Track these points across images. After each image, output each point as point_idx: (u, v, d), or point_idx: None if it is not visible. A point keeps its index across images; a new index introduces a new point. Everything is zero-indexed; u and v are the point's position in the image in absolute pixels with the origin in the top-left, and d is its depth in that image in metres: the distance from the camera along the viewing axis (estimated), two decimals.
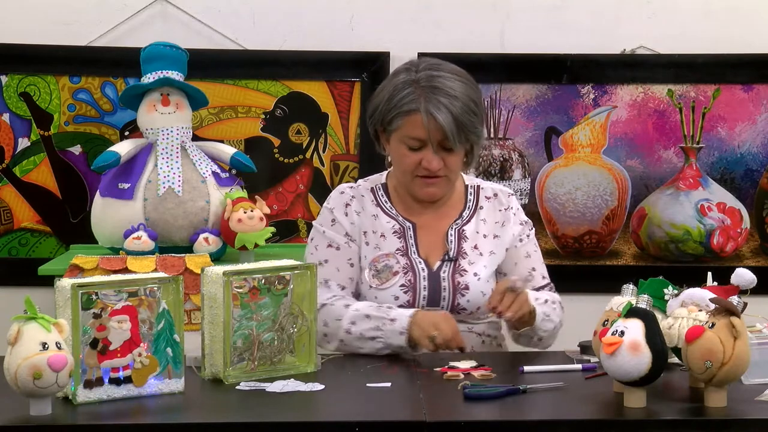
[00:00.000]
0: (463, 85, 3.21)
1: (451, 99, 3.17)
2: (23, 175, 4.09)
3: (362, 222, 3.30)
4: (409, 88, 3.20)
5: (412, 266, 3.25)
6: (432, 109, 3.16)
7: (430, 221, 3.32)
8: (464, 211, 3.34)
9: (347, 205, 3.32)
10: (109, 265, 3.30)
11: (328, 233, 3.30)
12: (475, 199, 3.36)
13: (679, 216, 4.15)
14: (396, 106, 3.21)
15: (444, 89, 3.18)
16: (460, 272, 3.26)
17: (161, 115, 3.54)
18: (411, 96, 3.19)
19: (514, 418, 2.58)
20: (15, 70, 4.06)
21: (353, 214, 3.31)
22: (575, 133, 4.12)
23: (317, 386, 2.76)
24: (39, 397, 2.51)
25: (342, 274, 3.28)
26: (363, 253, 3.28)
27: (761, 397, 2.64)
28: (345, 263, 3.29)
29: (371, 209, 3.32)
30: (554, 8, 4.09)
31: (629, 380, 2.54)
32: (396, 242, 3.28)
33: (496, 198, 3.37)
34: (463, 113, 3.18)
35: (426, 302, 3.24)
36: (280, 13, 4.08)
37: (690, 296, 2.68)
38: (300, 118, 4.10)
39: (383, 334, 3.13)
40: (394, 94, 3.22)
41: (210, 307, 2.80)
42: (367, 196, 3.34)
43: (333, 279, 3.27)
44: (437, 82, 3.19)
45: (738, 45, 4.08)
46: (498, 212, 3.35)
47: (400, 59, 4.07)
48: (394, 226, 3.30)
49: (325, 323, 3.20)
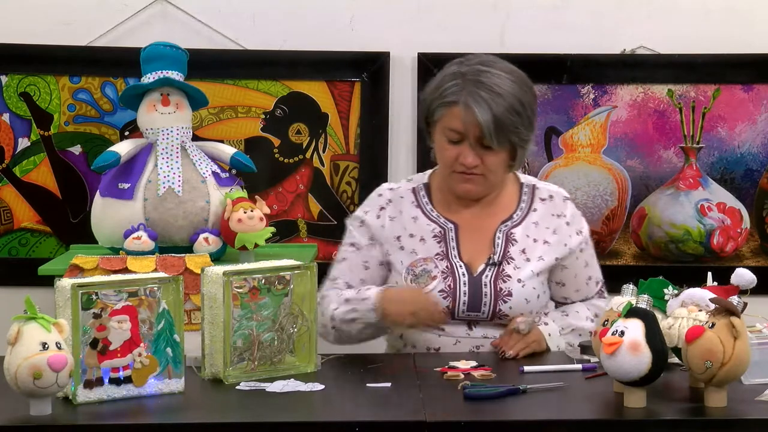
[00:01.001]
0: (512, 84, 3.14)
1: (494, 96, 3.11)
2: (23, 175, 4.08)
3: (395, 227, 3.27)
4: (456, 80, 3.16)
5: (452, 270, 3.20)
6: (471, 102, 3.11)
7: (476, 221, 3.27)
8: (516, 211, 3.28)
9: (382, 209, 3.30)
10: (109, 265, 3.30)
11: (353, 233, 3.31)
12: (529, 200, 3.30)
13: (679, 216, 4.15)
14: (439, 96, 3.18)
15: (489, 85, 3.13)
16: (504, 278, 3.20)
17: (161, 115, 3.54)
18: (454, 88, 3.15)
19: (514, 418, 2.58)
20: (15, 70, 4.06)
21: (385, 219, 3.29)
22: (575, 133, 4.12)
23: (317, 386, 2.76)
24: (39, 397, 2.51)
25: (354, 274, 3.29)
26: (398, 258, 3.25)
27: (761, 397, 2.64)
28: (360, 265, 3.29)
29: (411, 211, 3.28)
30: (554, 8, 4.09)
31: (629, 380, 2.54)
32: (435, 246, 3.24)
33: (552, 200, 3.30)
34: (505, 112, 3.11)
35: (466, 307, 3.19)
36: (280, 13, 4.08)
37: (690, 296, 2.68)
38: (300, 118, 4.10)
39: (359, 314, 3.16)
40: (440, 85, 3.19)
41: (210, 307, 2.80)
42: (407, 198, 3.31)
43: (342, 277, 3.29)
44: (484, 77, 3.14)
45: (738, 45, 4.08)
46: (551, 217, 3.28)
47: (400, 59, 4.08)
48: (434, 229, 3.25)
49: (322, 313, 3.22)
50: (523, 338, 3.11)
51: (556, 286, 3.31)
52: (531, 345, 3.12)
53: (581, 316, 3.27)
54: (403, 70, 4.08)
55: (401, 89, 4.09)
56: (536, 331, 3.16)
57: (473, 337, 3.20)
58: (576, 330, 3.23)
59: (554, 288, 3.31)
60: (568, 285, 3.31)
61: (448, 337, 3.20)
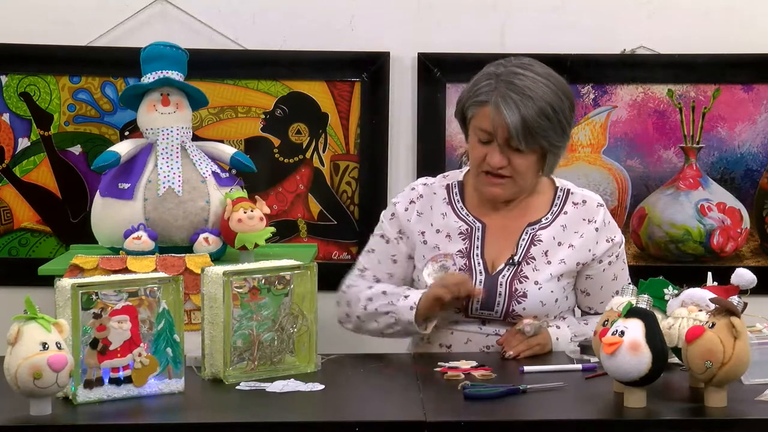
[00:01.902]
0: (545, 89, 3.13)
1: (524, 98, 3.10)
2: (23, 175, 4.08)
3: (422, 222, 3.28)
4: (490, 80, 3.16)
5: (470, 268, 3.21)
6: (500, 103, 3.10)
7: (505, 221, 3.26)
8: (546, 215, 3.26)
9: (412, 202, 3.31)
10: (109, 265, 3.30)
11: (384, 225, 3.33)
12: (561, 203, 3.28)
13: (679, 216, 4.15)
14: (472, 95, 3.18)
15: (521, 87, 3.12)
16: (521, 278, 3.19)
17: (161, 115, 3.54)
18: (487, 87, 3.15)
19: (514, 418, 2.58)
20: (15, 70, 4.06)
21: (413, 213, 3.29)
22: (575, 133, 4.11)
23: (317, 386, 2.76)
24: (39, 397, 2.51)
25: (382, 266, 3.30)
26: (421, 252, 3.26)
27: (761, 397, 2.64)
28: (388, 258, 3.30)
29: (441, 208, 3.29)
30: (554, 8, 4.09)
31: (629, 380, 2.54)
32: (459, 243, 3.23)
33: (584, 205, 3.28)
34: (534, 115, 3.09)
35: (480, 306, 3.18)
36: (280, 13, 4.08)
37: (690, 296, 2.68)
38: (300, 118, 4.10)
39: (395, 309, 3.16)
40: (475, 84, 3.19)
41: (210, 307, 2.80)
42: (440, 194, 3.31)
43: (371, 270, 3.31)
44: (517, 79, 3.13)
45: (738, 45, 4.08)
46: (581, 222, 3.25)
47: (400, 59, 4.08)
48: (461, 226, 3.25)
49: (347, 303, 3.27)
50: (527, 340, 3.10)
51: (581, 294, 3.29)
52: (534, 348, 3.11)
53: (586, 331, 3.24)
54: (403, 70, 4.08)
55: (401, 89, 4.08)
56: (543, 334, 3.15)
57: (485, 333, 3.20)
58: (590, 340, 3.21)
59: (579, 296, 3.30)
60: (593, 295, 3.28)
61: (461, 333, 3.20)
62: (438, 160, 4.05)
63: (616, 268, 3.29)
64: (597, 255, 3.25)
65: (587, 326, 3.24)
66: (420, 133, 4.08)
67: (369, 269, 3.31)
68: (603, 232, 3.26)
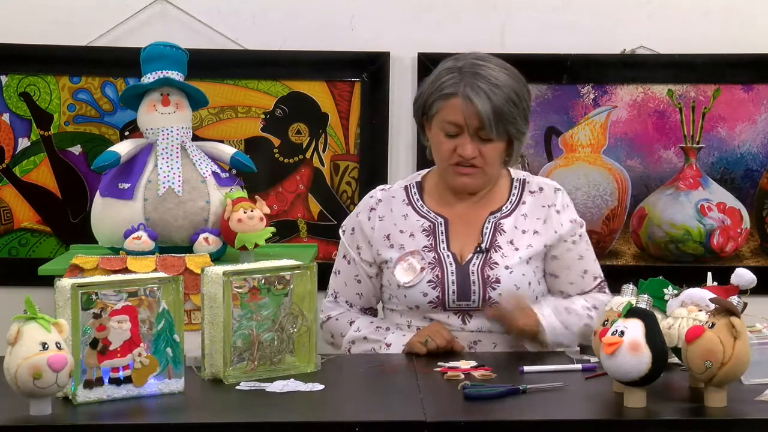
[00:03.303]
0: (507, 77, 3.18)
1: (491, 87, 3.15)
2: (23, 175, 4.09)
3: (384, 226, 3.29)
4: (452, 73, 3.19)
5: (440, 261, 3.22)
6: (471, 93, 3.14)
7: (466, 214, 3.28)
8: (505, 204, 3.30)
9: (372, 209, 3.33)
10: (109, 265, 3.30)
11: (345, 241, 3.35)
12: (519, 193, 3.31)
13: (679, 216, 4.15)
14: (437, 90, 3.20)
15: (486, 77, 3.16)
16: (491, 265, 3.22)
17: (161, 115, 3.54)
18: (452, 80, 3.18)
19: (514, 418, 2.58)
20: (15, 70, 4.06)
21: (375, 220, 3.31)
22: (575, 133, 4.12)
23: (317, 386, 2.76)
24: (39, 397, 2.51)
25: (349, 289, 3.34)
26: (388, 256, 3.27)
27: (761, 397, 2.64)
28: (352, 278, 3.33)
29: (401, 209, 3.30)
30: (554, 8, 4.09)
31: (629, 380, 2.54)
32: (424, 240, 3.26)
33: (542, 192, 3.31)
34: (503, 103, 3.15)
35: (456, 297, 3.20)
36: (280, 13, 4.08)
37: (690, 296, 2.68)
38: (300, 118, 4.10)
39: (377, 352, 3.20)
40: (436, 79, 3.22)
41: (210, 307, 2.80)
42: (399, 196, 3.33)
43: (342, 294, 3.35)
44: (481, 69, 3.18)
45: (738, 45, 4.08)
46: (540, 208, 3.29)
47: (400, 59, 4.08)
48: (423, 224, 3.27)
49: (331, 335, 3.34)
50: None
51: (551, 278, 3.31)
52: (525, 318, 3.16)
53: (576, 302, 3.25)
54: (403, 70, 4.08)
55: (401, 89, 4.09)
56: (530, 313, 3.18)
57: (469, 330, 3.21)
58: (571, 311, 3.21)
59: (549, 281, 3.31)
60: (561, 277, 3.30)
61: None
62: None
63: (581, 249, 3.31)
64: (562, 234, 3.28)
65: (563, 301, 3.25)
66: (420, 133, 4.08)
67: (339, 293, 3.35)
68: (564, 213, 3.30)
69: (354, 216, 3.36)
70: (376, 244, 3.29)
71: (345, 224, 3.38)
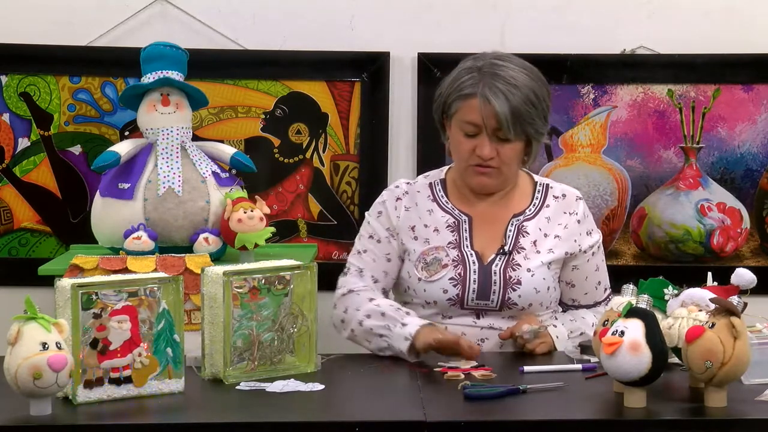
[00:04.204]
0: (527, 78, 3.19)
1: (510, 87, 3.15)
2: (23, 175, 4.08)
3: (410, 217, 3.30)
4: (472, 73, 3.20)
5: (463, 259, 3.23)
6: (489, 94, 3.15)
7: (490, 213, 3.30)
8: (529, 207, 3.31)
9: (398, 199, 3.33)
10: (109, 265, 3.30)
11: (373, 224, 3.33)
12: (542, 197, 3.34)
13: (679, 216, 4.15)
14: (456, 90, 3.21)
15: (505, 77, 3.17)
16: (513, 266, 3.23)
17: (161, 115, 3.54)
18: (471, 80, 3.19)
19: (514, 418, 2.58)
20: (15, 70, 4.06)
21: (402, 209, 3.31)
22: (575, 133, 4.12)
23: (317, 386, 2.76)
24: (39, 397, 2.51)
25: (377, 265, 3.30)
26: (411, 247, 3.27)
27: (761, 397, 2.64)
28: (382, 257, 3.31)
29: (426, 205, 3.31)
30: (554, 8, 4.09)
31: (629, 380, 2.54)
32: (448, 236, 3.26)
33: (564, 199, 3.34)
34: (522, 103, 3.15)
35: (476, 295, 3.21)
36: (280, 13, 4.08)
37: (690, 296, 2.68)
38: (300, 118, 4.10)
39: (390, 335, 3.13)
40: (456, 79, 3.23)
41: (210, 307, 2.80)
42: (424, 192, 3.34)
43: (368, 269, 3.30)
44: (500, 70, 3.18)
45: (738, 45, 4.08)
46: (563, 215, 3.32)
47: (400, 59, 4.08)
48: (448, 220, 3.28)
49: (345, 309, 3.24)
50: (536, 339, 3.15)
51: (566, 286, 3.33)
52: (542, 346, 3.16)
53: (587, 323, 3.28)
54: (403, 70, 4.08)
55: (401, 89, 4.09)
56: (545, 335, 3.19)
57: (479, 326, 3.21)
58: (585, 335, 3.23)
59: (564, 289, 3.34)
60: (578, 287, 3.33)
61: (456, 327, 3.20)
62: (438, 160, 4.03)
63: (598, 260, 3.36)
64: (583, 247, 3.32)
65: (576, 322, 3.29)
66: (420, 133, 4.08)
67: (365, 269, 3.31)
68: (584, 224, 3.34)
69: (380, 202, 3.36)
70: (401, 233, 3.30)
71: (371, 210, 3.37)
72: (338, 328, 3.28)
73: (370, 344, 3.18)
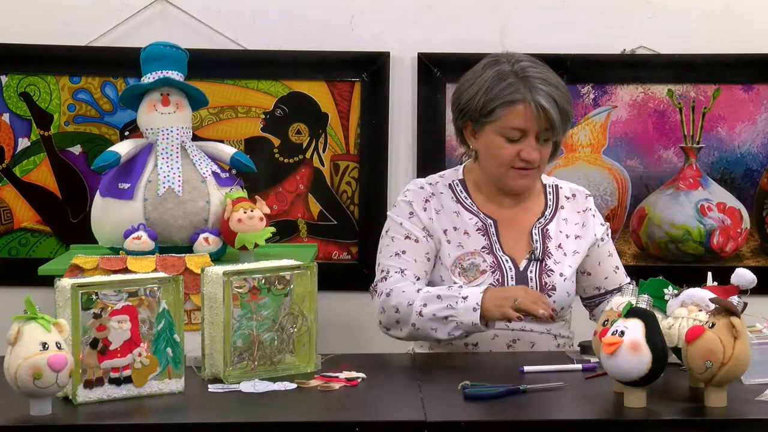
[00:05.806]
0: (554, 75, 3.22)
1: (551, 88, 3.17)
2: (23, 175, 4.09)
3: (441, 220, 3.26)
4: (510, 78, 3.18)
5: (500, 265, 3.22)
6: (539, 98, 3.15)
7: (512, 217, 3.29)
8: (546, 210, 3.32)
9: (426, 201, 3.29)
10: (109, 265, 3.30)
11: (406, 225, 3.26)
12: (555, 198, 3.34)
13: (679, 216, 4.15)
14: (498, 96, 3.17)
15: (543, 78, 3.19)
16: (547, 272, 3.23)
17: (161, 115, 3.54)
18: (512, 87, 3.17)
19: (514, 418, 2.58)
20: (15, 70, 4.06)
21: (432, 211, 3.27)
22: (575, 133, 4.12)
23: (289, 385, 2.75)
24: (39, 397, 2.51)
25: (419, 265, 3.24)
26: (446, 251, 3.24)
27: (761, 397, 2.64)
28: (422, 256, 3.24)
29: (452, 206, 3.29)
30: (554, 8, 4.09)
31: (629, 380, 2.54)
32: (480, 240, 3.24)
33: (575, 198, 3.36)
34: (565, 102, 3.19)
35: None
36: (280, 13, 4.08)
37: (690, 296, 2.68)
38: (300, 118, 4.10)
39: (456, 313, 3.07)
40: (492, 85, 3.19)
41: (210, 307, 2.80)
42: (446, 193, 3.31)
43: (410, 269, 3.22)
44: (533, 71, 3.19)
45: (738, 45, 4.08)
46: (577, 214, 3.34)
47: (400, 59, 4.08)
48: (476, 222, 3.26)
49: (396, 309, 3.16)
50: None
51: (584, 276, 3.34)
52: None
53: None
54: (403, 70, 4.08)
55: (401, 89, 4.09)
56: None
57: (510, 329, 3.20)
58: None
59: (583, 279, 3.34)
60: (594, 273, 3.34)
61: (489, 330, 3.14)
62: (438, 160, 4.05)
63: (610, 246, 3.38)
64: (597, 236, 3.34)
65: None
66: (420, 133, 4.08)
67: (408, 269, 3.23)
68: (597, 218, 3.38)
69: (406, 202, 3.28)
70: (435, 235, 3.25)
71: (397, 211, 3.29)
72: (393, 330, 3.19)
73: (436, 332, 3.11)
